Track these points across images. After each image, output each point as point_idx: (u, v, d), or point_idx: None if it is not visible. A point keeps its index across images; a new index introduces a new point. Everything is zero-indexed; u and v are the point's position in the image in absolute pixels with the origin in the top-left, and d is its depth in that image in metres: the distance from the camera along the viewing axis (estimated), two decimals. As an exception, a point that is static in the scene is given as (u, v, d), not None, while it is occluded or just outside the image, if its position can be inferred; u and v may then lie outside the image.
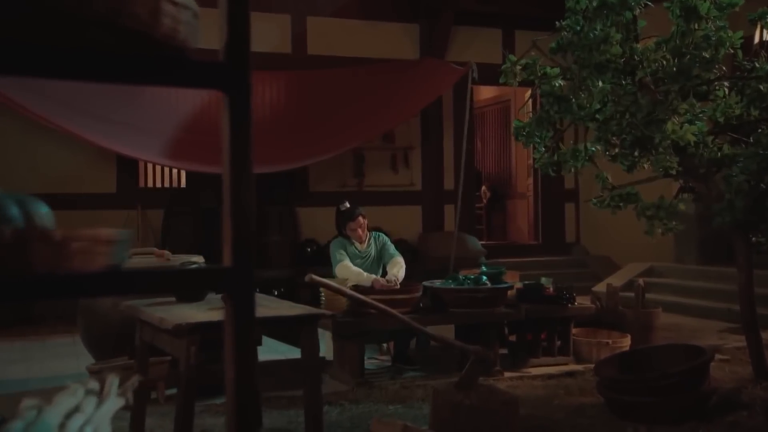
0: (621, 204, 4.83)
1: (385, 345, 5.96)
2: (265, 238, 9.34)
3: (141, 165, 9.25)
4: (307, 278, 4.04)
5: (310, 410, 3.24)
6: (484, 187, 12.98)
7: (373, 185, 10.19)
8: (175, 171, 9.62)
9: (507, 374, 5.35)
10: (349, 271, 5.61)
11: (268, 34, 9.71)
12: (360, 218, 5.77)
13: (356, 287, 5.34)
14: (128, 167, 9.07)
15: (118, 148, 8.28)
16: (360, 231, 5.78)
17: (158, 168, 9.46)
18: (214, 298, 3.63)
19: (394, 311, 4.37)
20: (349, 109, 9.20)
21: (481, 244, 10.70)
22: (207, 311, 3.32)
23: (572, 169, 4.87)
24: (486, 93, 12.82)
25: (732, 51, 4.65)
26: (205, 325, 3.05)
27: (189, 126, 8.86)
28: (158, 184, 9.62)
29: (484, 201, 12.88)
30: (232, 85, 1.12)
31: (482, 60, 9.14)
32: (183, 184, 9.80)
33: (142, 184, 9.45)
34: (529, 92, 5.39)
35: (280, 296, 8.50)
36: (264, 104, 9.45)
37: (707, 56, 4.51)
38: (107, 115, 8.38)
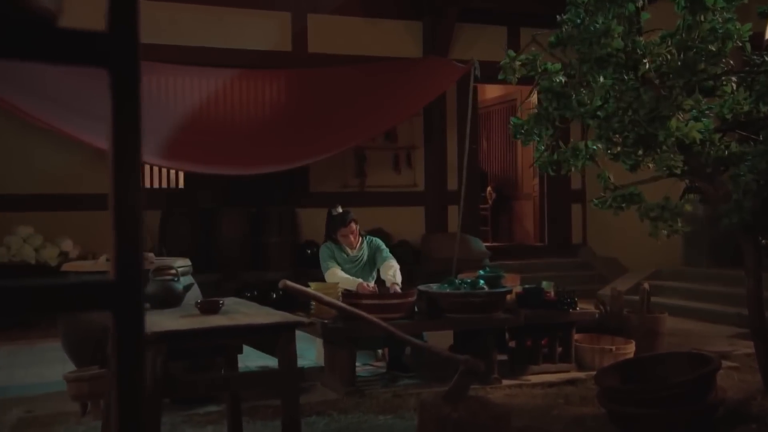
0: (623, 205, 4.61)
1: (380, 351, 5.76)
2: (265, 239, 9.18)
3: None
4: (280, 284, 3.85)
5: (287, 424, 3.05)
6: (489, 188, 12.76)
7: (375, 185, 10.01)
8: (173, 172, 9.46)
9: (505, 382, 5.14)
10: (337, 277, 5.43)
11: (268, 31, 9.57)
12: (352, 224, 5.59)
13: (347, 292, 5.16)
14: (125, 167, 8.90)
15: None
16: (351, 237, 5.60)
17: (156, 169, 9.30)
18: (190, 304, 3.46)
19: (371, 317, 4.17)
20: (350, 107, 9.04)
21: (487, 246, 10.50)
22: (178, 319, 3.14)
23: (572, 168, 4.66)
24: (491, 92, 12.60)
25: (740, 44, 4.42)
26: (173, 334, 2.86)
27: (185, 125, 8.71)
28: (156, 185, 9.46)
29: (490, 202, 12.65)
30: (117, 60, 0.92)
31: (487, 58, 8.91)
32: (181, 185, 9.64)
33: (139, 184, 9.27)
34: (531, 89, 5.17)
35: (279, 299, 8.33)
36: (264, 103, 9.32)
37: (714, 50, 4.29)
38: (106, 115, 8.24)
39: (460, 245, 8.92)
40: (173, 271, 3.59)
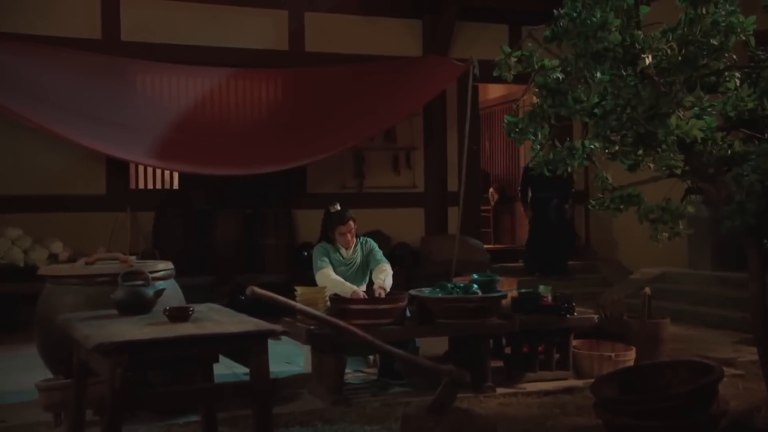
0: (621, 206, 4.41)
1: (371, 357, 5.58)
2: (260, 241, 9.01)
3: (132, 166, 8.95)
4: (248, 291, 3.66)
5: (258, 439, 2.87)
6: (491, 189, 12.56)
7: (373, 186, 9.83)
8: (167, 172, 9.31)
9: (500, 390, 4.95)
10: (328, 279, 5.24)
11: (264, 30, 9.41)
12: (350, 222, 5.39)
13: (336, 296, 4.98)
14: (118, 168, 8.77)
15: (110, 151, 7.97)
16: (349, 236, 5.41)
17: (149, 169, 9.16)
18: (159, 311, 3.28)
19: (350, 326, 3.98)
20: (348, 107, 8.88)
21: (488, 248, 10.32)
22: (144, 327, 2.96)
23: (568, 168, 4.46)
24: (494, 92, 12.41)
25: (744, 39, 4.22)
26: (133, 344, 2.69)
27: (180, 125, 8.56)
28: (149, 186, 9.32)
29: (492, 203, 12.46)
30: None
31: (488, 57, 8.69)
32: (175, 185, 9.49)
33: (132, 185, 9.14)
34: (527, 86, 4.97)
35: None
36: (261, 103, 9.18)
37: (716, 44, 4.08)
38: (99, 114, 8.09)
39: (460, 247, 8.73)
40: (144, 276, 3.42)
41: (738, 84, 4.24)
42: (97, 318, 3.20)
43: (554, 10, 4.51)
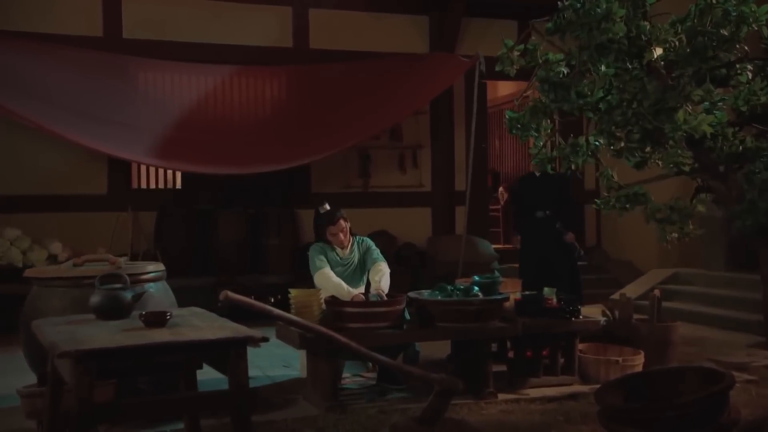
0: (627, 206, 4.23)
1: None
2: (264, 241, 8.85)
3: (133, 165, 8.83)
4: (222, 296, 3.51)
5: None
6: (501, 188, 12.35)
7: (379, 186, 9.67)
8: (169, 171, 9.18)
9: (502, 396, 4.77)
10: (328, 281, 5.09)
11: (268, 27, 9.27)
12: (341, 222, 5.24)
13: (332, 298, 4.82)
14: (120, 167, 8.65)
15: (111, 150, 7.84)
16: (342, 236, 5.25)
17: (152, 168, 9.04)
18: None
19: (330, 332, 3.83)
20: (352, 105, 8.72)
21: (498, 248, 10.13)
22: (117, 333, 2.81)
23: (572, 166, 4.29)
24: (504, 89, 12.21)
25: (756, 29, 4.03)
26: (102, 352, 2.53)
27: (183, 124, 8.43)
28: (152, 185, 9.20)
29: (502, 203, 12.25)
30: None
31: (496, 53, 8.53)
32: (177, 185, 9.36)
33: (135, 185, 9.02)
34: (529, 81, 4.79)
35: (278, 303, 7.96)
36: (264, 101, 9.04)
37: (726, 34, 3.90)
38: (100, 113, 7.98)
39: (467, 248, 8.56)
40: (122, 279, 3.27)
41: (750, 77, 4.06)
42: (72, 323, 3.06)
43: (558, 2, 4.35)
